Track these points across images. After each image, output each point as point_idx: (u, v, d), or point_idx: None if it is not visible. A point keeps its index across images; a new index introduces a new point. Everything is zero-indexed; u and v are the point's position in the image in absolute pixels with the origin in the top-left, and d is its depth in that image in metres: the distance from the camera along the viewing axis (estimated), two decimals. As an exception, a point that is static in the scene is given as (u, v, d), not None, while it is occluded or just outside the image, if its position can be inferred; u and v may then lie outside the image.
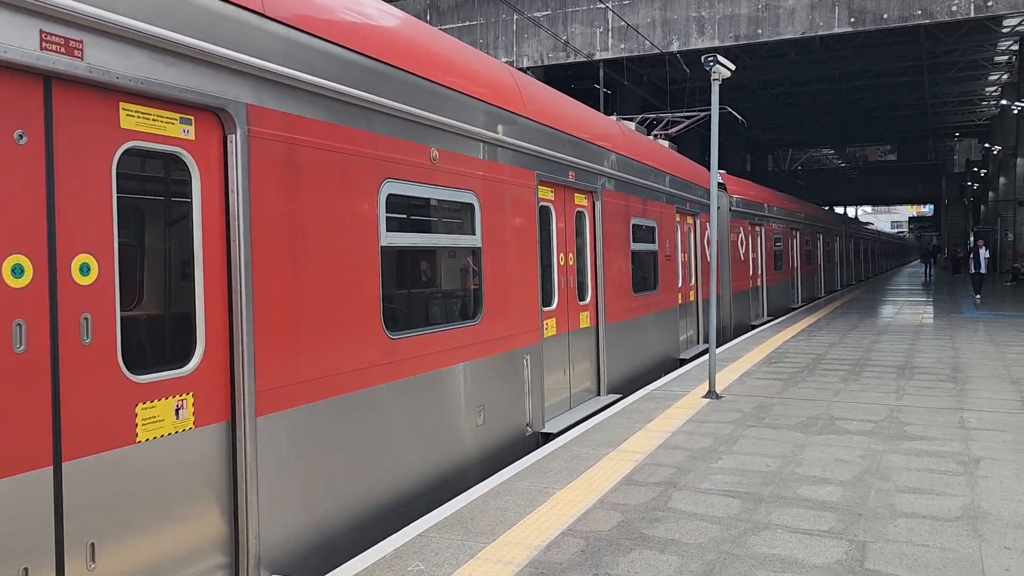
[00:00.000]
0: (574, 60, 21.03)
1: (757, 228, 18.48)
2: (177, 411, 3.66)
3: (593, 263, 8.79)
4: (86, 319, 3.28)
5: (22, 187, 3.04)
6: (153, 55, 3.49)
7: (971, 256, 25.29)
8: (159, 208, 3.73)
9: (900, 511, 4.87)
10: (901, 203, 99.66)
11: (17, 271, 3.03)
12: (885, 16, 18.05)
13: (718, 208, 15.06)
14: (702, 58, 8.66)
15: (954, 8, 17.54)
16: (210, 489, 3.81)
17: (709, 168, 15.21)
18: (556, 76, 39.01)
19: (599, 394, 8.94)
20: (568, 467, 5.94)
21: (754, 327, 17.79)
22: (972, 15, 17.56)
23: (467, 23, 22.30)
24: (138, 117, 3.51)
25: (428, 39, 5.88)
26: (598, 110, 26.24)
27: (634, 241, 10.17)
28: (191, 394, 3.72)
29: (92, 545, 3.28)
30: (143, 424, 3.49)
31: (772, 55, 38.58)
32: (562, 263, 8.03)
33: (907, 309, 20.75)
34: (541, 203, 7.56)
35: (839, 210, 70.80)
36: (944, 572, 3.96)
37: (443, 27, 22.65)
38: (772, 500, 5.11)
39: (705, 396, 8.61)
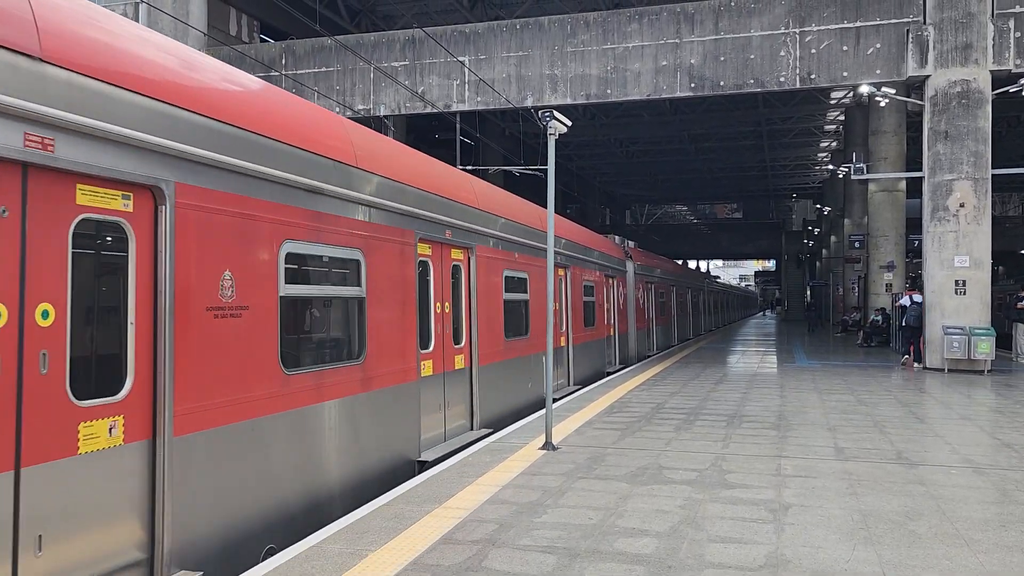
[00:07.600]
0: (431, 111, 21.14)
1: (650, 285, 25.04)
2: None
3: None
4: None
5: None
6: None
7: (901, 306, 19.79)
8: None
9: (708, 561, 4.94)
10: (747, 258, 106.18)
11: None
12: (722, 83, 19.28)
13: (626, 272, 21.19)
14: (539, 113, 8.79)
15: (782, 79, 18.96)
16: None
17: (607, 235, 20.13)
18: (419, 125, 39.31)
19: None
20: (387, 526, 5.70)
21: (648, 356, 23.70)
22: (798, 86, 19.06)
23: (323, 69, 22.03)
24: None
25: None
26: (454, 161, 26.46)
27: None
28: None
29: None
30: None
31: (627, 115, 40.46)
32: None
33: (744, 360, 21.81)
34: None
35: (692, 264, 74.46)
36: (740, 624, 4.00)
37: (299, 72, 22.29)
38: (588, 555, 5.07)
39: (542, 448, 8.59)
